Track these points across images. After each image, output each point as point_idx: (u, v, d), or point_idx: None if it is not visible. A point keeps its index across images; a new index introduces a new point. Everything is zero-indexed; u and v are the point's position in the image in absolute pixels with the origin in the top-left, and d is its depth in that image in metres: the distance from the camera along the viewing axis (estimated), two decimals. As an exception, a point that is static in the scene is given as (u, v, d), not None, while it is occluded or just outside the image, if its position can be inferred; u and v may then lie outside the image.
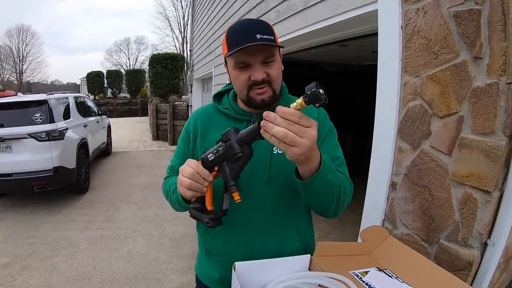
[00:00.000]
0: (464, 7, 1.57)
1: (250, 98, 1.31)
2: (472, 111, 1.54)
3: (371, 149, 2.22)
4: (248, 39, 1.20)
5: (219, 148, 1.15)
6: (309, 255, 1.28)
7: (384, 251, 1.33)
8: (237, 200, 1.11)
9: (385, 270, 1.20)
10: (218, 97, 1.54)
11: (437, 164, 1.72)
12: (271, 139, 1.00)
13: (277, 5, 3.86)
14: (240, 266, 1.18)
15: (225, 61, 1.38)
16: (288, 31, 3.54)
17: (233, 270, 1.18)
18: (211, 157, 1.17)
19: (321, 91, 0.94)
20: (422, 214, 1.83)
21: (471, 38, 1.55)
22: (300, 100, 0.97)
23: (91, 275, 3.99)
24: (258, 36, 1.20)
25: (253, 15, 4.75)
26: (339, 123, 1.60)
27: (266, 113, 0.99)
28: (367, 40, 3.01)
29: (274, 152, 1.34)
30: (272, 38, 1.24)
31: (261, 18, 4.35)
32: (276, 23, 3.84)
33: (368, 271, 1.20)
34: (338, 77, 8.48)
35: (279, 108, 0.99)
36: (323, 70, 7.69)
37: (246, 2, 5.10)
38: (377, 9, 2.19)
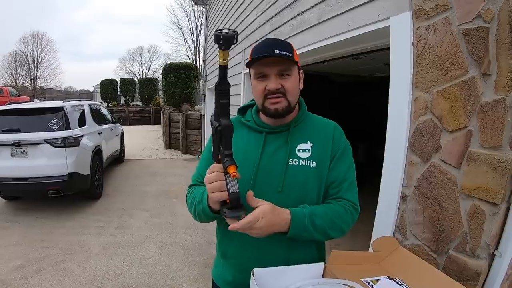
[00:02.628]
0: (473, 25, 1.62)
1: (265, 107, 1.44)
2: (480, 125, 1.58)
3: (382, 158, 2.26)
4: (267, 52, 1.36)
5: (210, 139, 1.23)
6: (323, 263, 1.34)
7: (395, 261, 1.37)
8: (233, 174, 1.15)
9: (395, 279, 1.24)
10: (243, 110, 1.67)
11: (447, 177, 1.76)
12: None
13: (291, 19, 3.92)
14: (258, 272, 1.25)
15: (250, 73, 1.51)
16: (301, 45, 3.60)
17: (251, 275, 1.24)
18: (212, 149, 1.26)
19: (224, 32, 1.06)
20: (431, 226, 1.87)
21: (479, 55, 1.59)
22: (220, 54, 1.11)
23: (103, 280, 4.06)
24: (276, 51, 1.35)
25: (267, 28, 4.82)
26: (351, 133, 1.66)
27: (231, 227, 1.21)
28: (379, 54, 3.05)
29: (290, 163, 1.44)
30: (290, 54, 1.38)
31: (275, 31, 4.45)
32: (291, 36, 3.90)
33: (379, 279, 1.24)
34: (350, 88, 8.50)
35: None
36: (335, 81, 7.73)
37: (261, 14, 5.17)
38: (389, 26, 2.25)
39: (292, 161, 1.44)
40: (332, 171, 1.45)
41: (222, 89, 1.17)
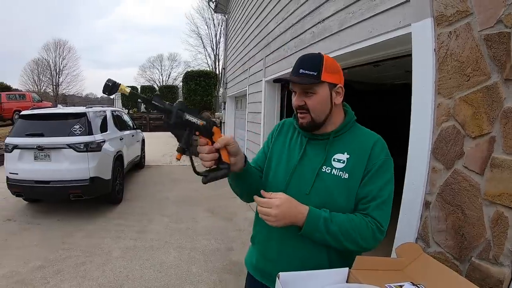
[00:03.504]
0: (494, 30, 1.62)
1: (297, 119, 1.58)
2: (503, 131, 1.57)
3: (404, 167, 2.25)
4: (294, 72, 1.49)
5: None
6: (347, 268, 1.34)
7: (418, 267, 1.36)
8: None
9: (418, 285, 1.24)
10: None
11: (470, 183, 1.75)
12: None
13: (312, 27, 3.94)
14: (284, 276, 1.27)
15: None
16: (323, 53, 3.60)
17: (277, 279, 1.26)
18: None
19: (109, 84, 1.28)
20: (454, 233, 1.85)
21: (501, 60, 1.59)
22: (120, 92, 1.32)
23: (123, 283, 4.09)
24: (301, 71, 1.46)
25: (288, 36, 4.84)
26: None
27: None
28: (400, 61, 3.04)
29: (322, 169, 1.51)
30: (314, 74, 1.44)
31: (296, 39, 4.47)
32: (312, 44, 3.92)
33: (403, 285, 1.24)
34: (370, 96, 8.45)
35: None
36: (355, 89, 7.70)
37: (281, 22, 5.20)
38: (410, 32, 2.25)
39: (325, 168, 1.51)
40: (364, 187, 1.46)
41: (149, 101, 1.32)
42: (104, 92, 1.29)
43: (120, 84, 1.28)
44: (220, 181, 1.49)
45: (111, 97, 44.99)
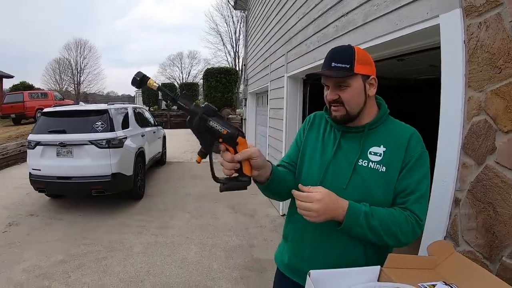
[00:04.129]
0: (527, 21, 1.55)
1: (330, 113, 1.55)
2: (538, 126, 1.51)
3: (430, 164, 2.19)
4: (325, 65, 1.47)
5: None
6: (378, 266, 1.30)
7: (450, 266, 1.32)
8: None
9: (451, 285, 1.19)
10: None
11: (502, 180, 1.68)
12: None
13: (335, 20, 3.87)
14: (314, 274, 1.24)
15: None
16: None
17: (308, 276, 1.23)
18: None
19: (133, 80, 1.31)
20: (485, 231, 1.79)
21: (535, 51, 1.52)
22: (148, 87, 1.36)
23: (144, 278, 4.13)
24: (333, 64, 1.44)
25: (310, 31, 4.78)
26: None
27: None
28: (425, 55, 2.97)
29: (359, 163, 1.49)
30: (347, 66, 1.42)
31: (319, 33, 4.42)
32: (335, 38, 3.86)
33: (436, 284, 1.20)
34: (394, 92, 8.31)
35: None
36: (378, 84, 7.56)
37: (303, 17, 5.14)
38: (438, 24, 2.18)
39: (362, 162, 1.49)
40: (402, 180, 1.44)
41: (170, 99, 1.39)
42: (132, 84, 1.30)
43: (149, 78, 1.30)
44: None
45: (132, 94, 45.74)
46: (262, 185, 1.49)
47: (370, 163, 1.47)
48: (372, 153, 1.48)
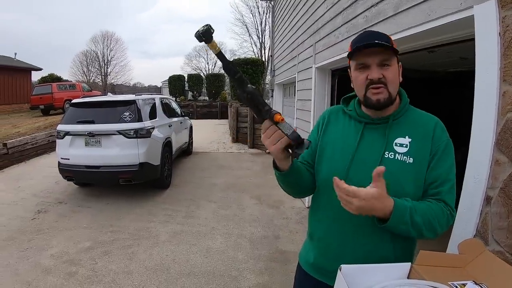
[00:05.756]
0: None
1: (367, 98, 1.44)
2: None
3: (459, 159, 2.13)
4: (367, 41, 1.38)
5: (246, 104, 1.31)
6: (409, 263, 1.29)
7: (480, 265, 1.29)
8: (281, 119, 1.25)
9: (481, 285, 1.17)
10: (346, 100, 1.68)
11: (536, 178, 1.63)
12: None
13: (365, 11, 3.81)
14: (346, 268, 1.23)
15: (349, 66, 1.54)
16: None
17: (339, 271, 1.23)
18: (255, 116, 1.35)
19: (199, 30, 1.19)
20: (516, 231, 1.74)
21: None
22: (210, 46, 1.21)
23: (169, 266, 4.19)
24: (376, 41, 1.37)
25: (339, 21, 4.72)
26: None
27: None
28: (457, 47, 2.89)
29: (385, 156, 1.44)
30: (389, 44, 1.38)
31: (347, 24, 4.36)
32: (365, 28, 3.79)
33: (466, 283, 1.17)
34: (423, 85, 8.16)
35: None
36: (407, 77, 7.42)
37: (332, 7, 5.07)
38: (472, 15, 2.11)
39: (388, 154, 1.44)
40: (432, 171, 1.41)
41: (231, 69, 1.24)
42: (196, 36, 1.20)
43: (212, 37, 1.20)
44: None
45: (158, 85, 46.25)
46: (283, 173, 1.44)
47: (397, 155, 1.43)
48: (398, 145, 1.44)
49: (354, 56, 1.43)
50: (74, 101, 7.12)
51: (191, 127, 11.48)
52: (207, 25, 1.18)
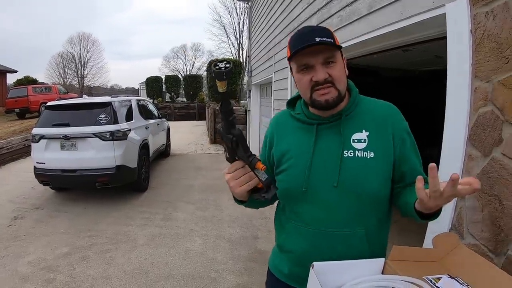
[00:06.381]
0: (535, 10, 1.51)
1: (314, 100, 1.35)
2: (547, 117, 1.48)
3: (432, 158, 2.16)
4: (307, 41, 1.27)
5: (224, 148, 1.28)
6: (383, 258, 1.27)
7: (456, 259, 1.30)
8: (262, 168, 1.18)
9: (456, 278, 1.18)
10: (292, 103, 1.60)
11: (508, 172, 1.66)
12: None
13: (339, 10, 3.83)
14: (318, 266, 1.21)
15: (290, 68, 1.45)
16: (351, 37, 3.51)
17: (311, 269, 1.20)
18: (226, 155, 1.29)
19: (218, 67, 1.11)
20: (491, 224, 1.76)
21: (543, 41, 1.49)
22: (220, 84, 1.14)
23: (148, 269, 4.16)
24: (317, 39, 1.26)
25: (314, 21, 4.74)
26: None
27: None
28: (431, 45, 2.93)
29: (344, 155, 1.36)
30: (332, 40, 1.29)
31: (323, 24, 4.38)
32: (339, 28, 3.82)
33: (441, 277, 1.18)
34: (398, 84, 8.27)
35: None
36: (382, 75, 7.54)
37: (307, 7, 5.10)
38: (445, 13, 2.14)
39: (347, 152, 1.37)
40: (403, 157, 1.39)
41: (227, 110, 1.18)
42: (217, 73, 1.11)
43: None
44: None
45: (136, 87, 45.91)
46: (245, 203, 1.44)
47: (356, 151, 1.36)
48: (356, 141, 1.38)
49: (294, 58, 1.34)
50: (49, 104, 7.01)
51: (168, 129, 11.43)
52: (229, 63, 1.12)
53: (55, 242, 4.91)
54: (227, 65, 1.11)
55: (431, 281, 1.15)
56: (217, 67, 1.11)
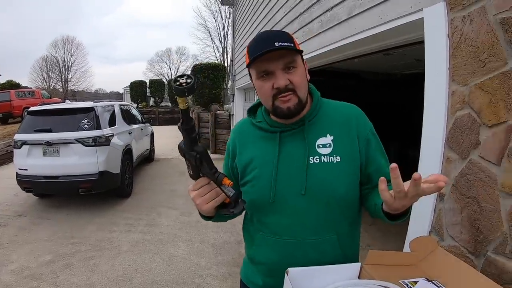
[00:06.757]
0: (511, 13, 1.54)
1: (276, 107, 1.31)
2: (522, 120, 1.50)
3: (415, 160, 2.18)
4: (266, 46, 1.22)
5: (186, 163, 1.23)
6: (359, 263, 1.27)
7: (433, 262, 1.30)
8: (229, 184, 1.14)
9: (433, 281, 1.18)
10: (253, 111, 1.55)
11: (486, 174, 1.68)
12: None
13: (320, 15, 3.86)
14: (293, 271, 1.20)
15: (250, 75, 1.40)
16: (331, 41, 3.54)
17: (286, 275, 1.19)
18: (190, 173, 1.26)
19: (178, 83, 1.05)
20: (469, 226, 1.79)
21: (519, 45, 1.51)
22: (181, 100, 1.07)
23: (132, 276, 4.11)
24: (276, 44, 1.22)
25: (295, 25, 4.77)
26: (382, 132, 1.58)
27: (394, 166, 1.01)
28: (411, 49, 2.97)
29: (310, 161, 1.33)
30: (292, 45, 1.25)
31: (304, 28, 4.40)
32: (320, 33, 3.85)
33: (417, 281, 1.18)
34: (380, 86, 8.35)
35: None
36: (364, 79, 7.61)
37: (289, 12, 5.13)
38: (422, 18, 2.17)
39: (313, 159, 1.33)
40: (369, 158, 1.37)
41: (189, 127, 1.14)
42: (178, 89, 1.05)
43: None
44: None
45: (120, 92, 45.55)
46: (212, 218, 1.37)
47: (322, 157, 1.32)
48: (321, 146, 1.34)
49: (254, 64, 1.29)
50: (31, 109, 6.92)
51: (152, 134, 11.34)
52: (190, 77, 1.07)
53: (38, 250, 4.83)
54: (188, 80, 1.06)
55: (407, 285, 1.15)
56: (178, 83, 1.06)
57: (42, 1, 77.61)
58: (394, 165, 1.00)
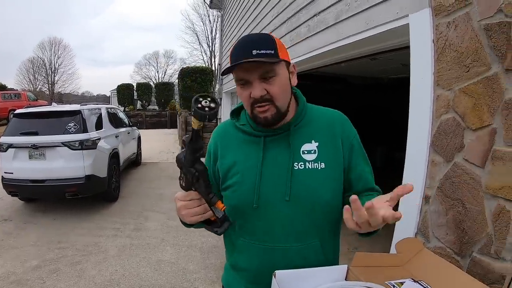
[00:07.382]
0: (494, 20, 1.58)
1: (255, 115, 1.29)
2: (505, 123, 1.53)
3: (401, 162, 2.21)
4: (243, 55, 1.19)
5: (181, 176, 1.22)
6: (346, 265, 1.26)
7: (419, 263, 1.32)
8: (222, 208, 1.15)
9: (420, 282, 1.20)
10: (236, 113, 1.51)
11: (470, 176, 1.72)
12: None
13: (308, 20, 3.89)
14: (280, 274, 1.19)
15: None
16: (319, 45, 3.57)
17: (273, 277, 1.18)
18: (182, 183, 1.24)
19: (201, 105, 1.04)
20: (455, 227, 1.82)
21: (502, 50, 1.55)
22: (194, 119, 1.06)
23: (119, 281, 4.07)
24: (254, 52, 1.18)
25: (283, 30, 4.80)
26: (369, 136, 1.60)
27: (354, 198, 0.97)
28: (397, 53, 3.01)
29: (295, 167, 1.31)
30: (272, 52, 1.21)
31: (291, 32, 4.42)
32: (307, 37, 3.88)
33: (404, 282, 1.19)
34: (367, 91, 8.42)
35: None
36: (351, 83, 7.67)
37: (276, 17, 5.15)
38: (408, 23, 2.21)
39: (298, 165, 1.31)
40: (351, 164, 1.35)
41: (197, 147, 1.13)
42: (201, 115, 1.04)
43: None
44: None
45: (107, 94, 45.25)
46: (193, 226, 1.32)
47: (307, 163, 1.31)
48: (306, 152, 1.32)
49: (232, 70, 1.24)
50: (17, 111, 6.80)
51: (139, 137, 11.26)
52: (215, 101, 1.06)
53: (24, 255, 4.77)
54: (212, 105, 1.05)
55: (394, 286, 1.17)
56: (200, 105, 1.04)
57: (29, 1, 76.70)
58: (354, 197, 0.97)
